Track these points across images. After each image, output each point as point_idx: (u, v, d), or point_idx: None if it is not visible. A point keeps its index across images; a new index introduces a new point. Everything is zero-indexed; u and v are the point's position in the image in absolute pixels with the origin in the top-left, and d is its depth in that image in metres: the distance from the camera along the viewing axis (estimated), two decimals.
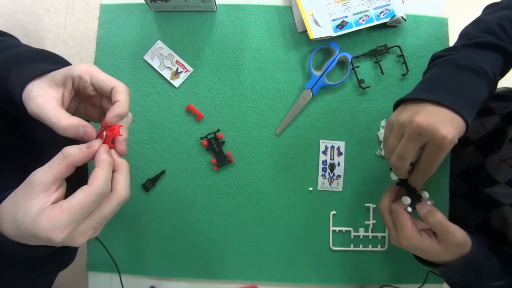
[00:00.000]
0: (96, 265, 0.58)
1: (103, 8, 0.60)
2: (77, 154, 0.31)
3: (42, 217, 0.29)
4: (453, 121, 0.38)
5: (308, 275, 0.58)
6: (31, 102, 0.33)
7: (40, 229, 0.28)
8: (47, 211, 0.29)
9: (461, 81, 0.41)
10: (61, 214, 0.29)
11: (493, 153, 0.55)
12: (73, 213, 0.29)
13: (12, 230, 0.30)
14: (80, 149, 0.32)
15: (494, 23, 0.46)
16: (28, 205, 0.29)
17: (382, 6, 0.56)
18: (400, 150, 0.40)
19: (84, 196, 0.30)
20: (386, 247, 0.57)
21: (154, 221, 0.58)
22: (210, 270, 0.58)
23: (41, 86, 0.34)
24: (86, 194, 0.30)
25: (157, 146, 0.58)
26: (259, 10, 0.59)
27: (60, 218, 0.29)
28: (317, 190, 0.58)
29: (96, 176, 0.31)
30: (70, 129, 0.32)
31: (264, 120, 0.58)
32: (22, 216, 0.29)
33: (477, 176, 0.58)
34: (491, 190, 0.54)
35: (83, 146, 0.32)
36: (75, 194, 0.30)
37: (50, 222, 0.28)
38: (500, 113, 0.58)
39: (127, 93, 0.35)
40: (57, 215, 0.29)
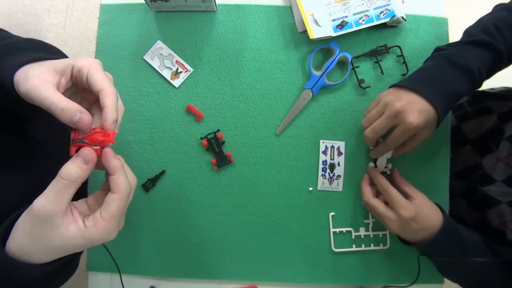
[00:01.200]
0: (96, 265, 0.58)
1: (103, 8, 0.60)
2: (82, 174, 0.32)
3: (92, 233, 0.32)
4: (425, 111, 0.45)
5: (308, 275, 0.58)
6: (27, 81, 0.32)
7: (97, 240, 0.33)
8: (92, 227, 0.33)
9: (446, 76, 0.47)
10: (108, 223, 0.33)
11: (491, 152, 0.56)
12: (115, 218, 0.34)
13: (44, 255, 0.33)
14: (82, 168, 0.32)
15: (490, 23, 0.49)
16: (60, 233, 0.32)
17: (382, 6, 0.56)
18: (376, 125, 0.48)
19: (118, 203, 0.33)
20: (388, 245, 0.57)
21: (154, 221, 0.58)
22: (210, 270, 0.58)
23: (38, 69, 0.34)
24: (119, 201, 0.33)
25: (157, 146, 0.58)
26: (259, 10, 0.59)
27: (109, 226, 0.33)
28: (317, 190, 0.58)
29: (118, 183, 0.34)
30: (67, 112, 0.32)
31: (264, 120, 0.58)
32: (62, 241, 0.32)
33: (475, 175, 0.58)
34: (488, 189, 0.54)
35: (81, 162, 0.32)
36: (109, 204, 0.33)
37: (103, 231, 0.33)
38: (497, 112, 0.58)
39: (114, 97, 0.35)
40: (105, 226, 0.33)
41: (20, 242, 0.32)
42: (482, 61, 0.47)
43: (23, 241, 0.32)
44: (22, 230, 0.32)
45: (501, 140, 0.54)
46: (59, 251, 0.33)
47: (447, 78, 0.47)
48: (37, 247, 0.32)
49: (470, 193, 0.59)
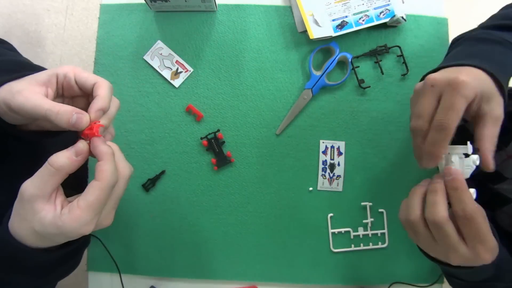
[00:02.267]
0: (96, 265, 0.58)
1: (103, 8, 0.60)
2: (70, 165, 0.31)
3: (65, 221, 0.30)
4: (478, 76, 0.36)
5: (308, 275, 0.58)
6: (16, 96, 0.32)
7: (70, 231, 0.31)
8: (66, 215, 0.30)
9: (484, 50, 0.41)
10: (83, 212, 0.31)
11: (500, 150, 0.55)
12: (93, 209, 0.31)
13: (32, 239, 0.32)
14: (71, 159, 0.31)
15: (511, 12, 0.46)
16: (39, 217, 0.30)
17: (382, 6, 0.56)
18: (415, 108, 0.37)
19: (99, 192, 0.31)
20: (386, 244, 0.57)
21: (154, 221, 0.58)
22: (210, 270, 0.58)
23: (21, 84, 0.33)
24: (100, 190, 0.31)
25: (157, 146, 0.58)
26: (259, 10, 0.59)
27: (83, 216, 0.31)
28: (317, 190, 0.58)
29: (102, 170, 0.32)
30: (63, 115, 0.31)
31: (264, 120, 0.58)
32: (41, 227, 0.31)
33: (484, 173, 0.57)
34: (499, 187, 0.54)
35: (72, 154, 0.31)
36: (88, 191, 0.31)
37: (76, 221, 0.30)
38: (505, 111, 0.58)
39: (109, 88, 0.35)
40: (79, 215, 0.30)
41: (12, 222, 0.32)
42: (510, 42, 0.41)
43: (13, 220, 0.32)
44: (14, 209, 0.32)
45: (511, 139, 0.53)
46: (41, 237, 0.32)
47: (491, 51, 0.41)
48: (24, 229, 0.32)
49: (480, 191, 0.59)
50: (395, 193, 0.58)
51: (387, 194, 0.58)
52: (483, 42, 0.42)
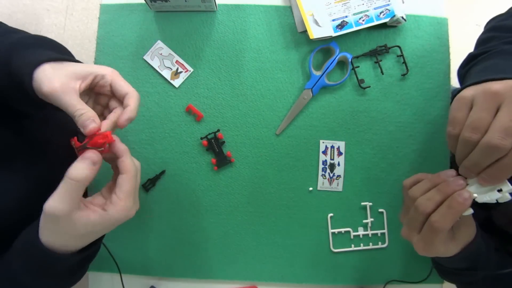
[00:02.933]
0: (96, 265, 0.58)
1: (103, 8, 0.60)
2: (92, 174, 0.35)
3: (114, 215, 0.36)
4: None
5: (308, 275, 0.58)
6: (51, 83, 0.35)
7: (120, 218, 0.36)
8: (112, 210, 0.36)
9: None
10: (125, 201, 0.36)
11: None
12: (130, 196, 0.37)
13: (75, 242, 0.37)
14: (90, 169, 0.35)
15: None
16: (82, 223, 0.34)
17: (382, 6, 0.56)
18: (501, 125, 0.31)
19: (129, 181, 0.37)
20: (386, 244, 0.57)
21: (154, 221, 0.58)
22: (210, 270, 0.58)
23: (61, 73, 0.36)
24: (130, 179, 0.37)
25: (157, 146, 0.58)
26: (259, 10, 0.59)
27: (127, 203, 0.37)
28: (317, 190, 0.58)
29: (126, 164, 0.38)
30: (84, 117, 0.36)
31: (264, 120, 0.58)
32: (87, 228, 0.35)
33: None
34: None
35: (89, 163, 0.35)
36: (122, 184, 0.37)
37: (124, 210, 0.36)
38: None
39: (138, 100, 0.40)
40: (124, 205, 0.36)
41: (47, 239, 0.35)
42: None
43: (48, 238, 0.35)
44: (45, 229, 0.35)
45: None
46: (88, 236, 0.37)
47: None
48: (64, 240, 0.35)
49: None
50: (395, 193, 0.58)
51: (387, 194, 0.58)
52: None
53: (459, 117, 0.35)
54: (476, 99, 0.34)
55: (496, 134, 0.31)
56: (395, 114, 0.58)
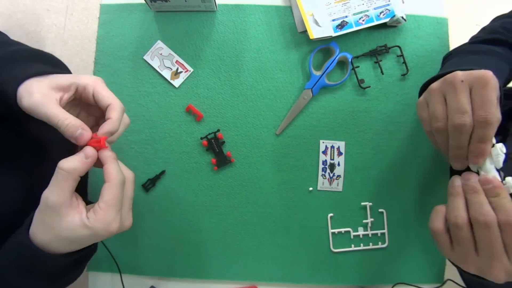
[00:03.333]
0: (96, 265, 0.58)
1: (103, 8, 0.60)
2: (82, 167, 0.34)
3: (93, 223, 0.34)
4: None
5: (308, 275, 0.58)
6: (31, 97, 0.34)
7: (100, 231, 0.34)
8: (92, 218, 0.34)
9: (477, 59, 0.43)
10: (106, 212, 0.34)
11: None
12: (112, 206, 0.35)
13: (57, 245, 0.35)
14: (82, 161, 0.34)
15: (498, 26, 0.48)
16: (67, 222, 0.33)
17: (382, 6, 0.56)
18: (456, 104, 0.35)
19: (111, 190, 0.35)
20: (386, 244, 0.57)
21: (154, 221, 0.58)
22: (210, 270, 0.58)
23: (41, 85, 0.35)
24: (112, 189, 0.35)
25: (157, 146, 0.58)
26: (259, 10, 0.59)
27: (107, 215, 0.34)
28: (317, 190, 0.58)
29: (109, 171, 0.36)
30: (71, 127, 0.34)
31: (264, 120, 0.58)
32: (69, 231, 0.34)
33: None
34: None
35: (82, 157, 0.35)
36: (103, 193, 0.35)
37: (104, 221, 0.34)
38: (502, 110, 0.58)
39: (120, 112, 0.38)
40: (103, 215, 0.34)
41: (35, 231, 0.34)
42: (502, 51, 0.44)
43: (37, 230, 0.34)
44: (36, 220, 0.34)
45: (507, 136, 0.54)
46: (68, 241, 0.35)
47: (484, 60, 0.43)
48: (49, 236, 0.34)
49: None
50: (395, 193, 0.58)
51: (387, 194, 0.58)
52: (474, 54, 0.45)
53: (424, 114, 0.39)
54: (426, 97, 0.39)
55: (454, 115, 0.35)
56: (395, 114, 0.58)
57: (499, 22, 0.51)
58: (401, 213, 0.58)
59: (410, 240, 0.58)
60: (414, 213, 0.58)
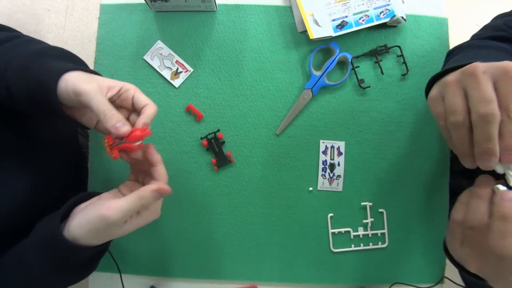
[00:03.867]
0: None
1: (103, 8, 0.60)
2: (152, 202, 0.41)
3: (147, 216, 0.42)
4: None
5: (308, 275, 0.58)
6: (85, 84, 0.37)
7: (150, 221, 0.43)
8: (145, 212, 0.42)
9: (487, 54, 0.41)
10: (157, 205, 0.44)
11: None
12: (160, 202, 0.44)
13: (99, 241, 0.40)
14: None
15: (502, 24, 0.48)
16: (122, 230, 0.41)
17: (382, 6, 0.56)
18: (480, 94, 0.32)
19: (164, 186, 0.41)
20: (386, 244, 0.57)
21: (154, 221, 0.58)
22: (210, 270, 0.58)
23: (91, 79, 0.39)
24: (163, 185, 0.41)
25: (157, 146, 0.58)
26: (259, 10, 0.59)
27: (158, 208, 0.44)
28: (317, 190, 0.58)
29: (161, 172, 0.42)
30: (113, 118, 0.38)
31: (264, 120, 0.58)
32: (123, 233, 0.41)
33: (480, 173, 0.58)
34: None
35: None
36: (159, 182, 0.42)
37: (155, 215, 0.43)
38: None
39: (155, 110, 0.42)
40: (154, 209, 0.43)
41: (80, 236, 0.37)
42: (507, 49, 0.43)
43: (86, 235, 0.37)
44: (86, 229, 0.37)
45: None
46: (105, 236, 0.40)
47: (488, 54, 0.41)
48: (100, 240, 0.39)
49: None
50: (395, 193, 0.58)
51: (387, 194, 0.58)
52: (481, 48, 0.44)
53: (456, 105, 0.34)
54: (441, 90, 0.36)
55: (479, 105, 0.32)
56: (395, 114, 0.58)
57: (501, 20, 0.50)
58: (401, 213, 0.58)
59: (410, 240, 0.58)
60: (414, 213, 0.58)
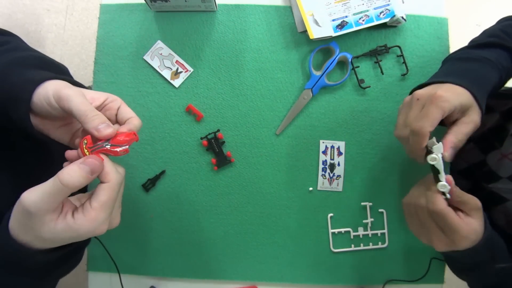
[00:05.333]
0: (96, 265, 0.58)
1: (103, 8, 0.60)
2: (84, 183, 0.32)
3: (81, 224, 0.32)
4: (462, 94, 0.43)
5: (308, 275, 0.58)
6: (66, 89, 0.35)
7: (86, 232, 0.33)
8: (81, 218, 0.32)
9: (467, 68, 0.47)
10: (98, 213, 0.33)
11: (494, 149, 0.56)
12: (106, 208, 0.33)
13: (39, 243, 0.33)
14: (86, 178, 0.32)
15: (498, 30, 0.50)
16: (49, 228, 0.32)
17: (382, 6, 0.56)
18: (406, 118, 0.44)
19: (110, 191, 0.33)
20: (386, 244, 0.57)
21: (154, 221, 0.58)
22: (210, 270, 0.58)
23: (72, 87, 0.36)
24: (110, 189, 0.33)
25: (157, 146, 0.58)
26: (259, 10, 0.59)
27: (99, 216, 0.33)
28: (317, 190, 0.58)
29: (107, 172, 0.34)
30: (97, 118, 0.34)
31: (264, 120, 0.58)
32: (52, 234, 0.32)
33: (479, 173, 0.58)
34: (494, 186, 0.54)
35: (87, 172, 0.32)
36: (99, 193, 0.33)
37: (93, 222, 0.32)
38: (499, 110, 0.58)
39: (140, 123, 0.40)
40: (95, 216, 0.32)
41: (14, 230, 0.33)
42: (498, 55, 0.47)
43: (17, 230, 0.32)
44: (15, 220, 0.32)
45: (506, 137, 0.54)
46: (51, 242, 0.33)
47: (469, 69, 0.46)
48: (30, 237, 0.32)
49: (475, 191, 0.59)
50: (395, 193, 0.58)
51: (387, 194, 0.58)
52: (462, 61, 0.49)
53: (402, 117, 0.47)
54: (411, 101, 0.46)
55: (397, 128, 0.46)
56: (395, 114, 0.58)
57: (501, 25, 0.52)
58: (401, 213, 0.58)
59: (410, 240, 0.58)
60: None
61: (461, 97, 0.42)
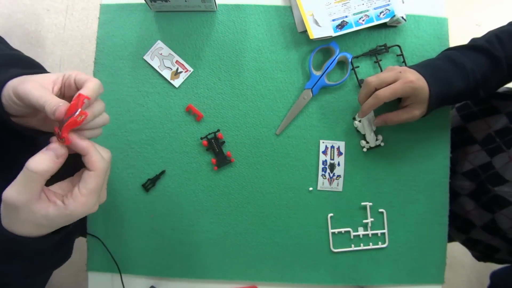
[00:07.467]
0: (96, 265, 0.58)
1: (103, 8, 0.60)
2: (54, 167, 0.33)
3: (73, 209, 0.34)
4: (423, 86, 0.49)
5: (308, 275, 0.58)
6: (26, 83, 0.35)
7: (79, 215, 0.35)
8: (72, 204, 0.34)
9: (442, 68, 0.52)
10: (87, 198, 0.35)
11: (501, 151, 0.55)
12: (95, 193, 0.35)
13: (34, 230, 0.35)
14: (52, 162, 0.33)
15: (493, 34, 0.51)
16: (42, 215, 0.33)
17: (382, 6, 0.56)
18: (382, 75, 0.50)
19: (97, 179, 0.35)
20: (386, 244, 0.57)
21: (154, 221, 0.58)
22: (210, 270, 0.58)
23: (35, 76, 0.37)
24: (97, 177, 0.35)
25: (157, 146, 0.58)
26: (259, 10, 0.59)
27: (89, 201, 0.35)
28: (317, 190, 0.58)
29: (93, 161, 0.35)
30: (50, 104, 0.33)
31: (264, 120, 0.58)
32: (48, 221, 0.34)
33: (484, 175, 0.57)
34: (499, 189, 0.54)
35: (52, 156, 0.33)
36: (87, 180, 0.35)
37: (84, 206, 0.35)
38: (505, 112, 0.58)
39: (96, 83, 0.37)
40: (85, 201, 0.35)
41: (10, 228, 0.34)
42: (477, 64, 0.50)
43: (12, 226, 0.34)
44: (5, 217, 0.34)
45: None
46: (47, 228, 0.36)
47: (443, 69, 0.51)
48: (27, 229, 0.34)
49: (479, 193, 0.59)
50: (395, 193, 0.58)
51: (387, 194, 0.58)
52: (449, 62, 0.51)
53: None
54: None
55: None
56: None
57: (499, 29, 0.52)
58: (401, 213, 0.58)
59: (410, 240, 0.58)
60: (414, 213, 0.58)
61: (420, 86, 0.49)
